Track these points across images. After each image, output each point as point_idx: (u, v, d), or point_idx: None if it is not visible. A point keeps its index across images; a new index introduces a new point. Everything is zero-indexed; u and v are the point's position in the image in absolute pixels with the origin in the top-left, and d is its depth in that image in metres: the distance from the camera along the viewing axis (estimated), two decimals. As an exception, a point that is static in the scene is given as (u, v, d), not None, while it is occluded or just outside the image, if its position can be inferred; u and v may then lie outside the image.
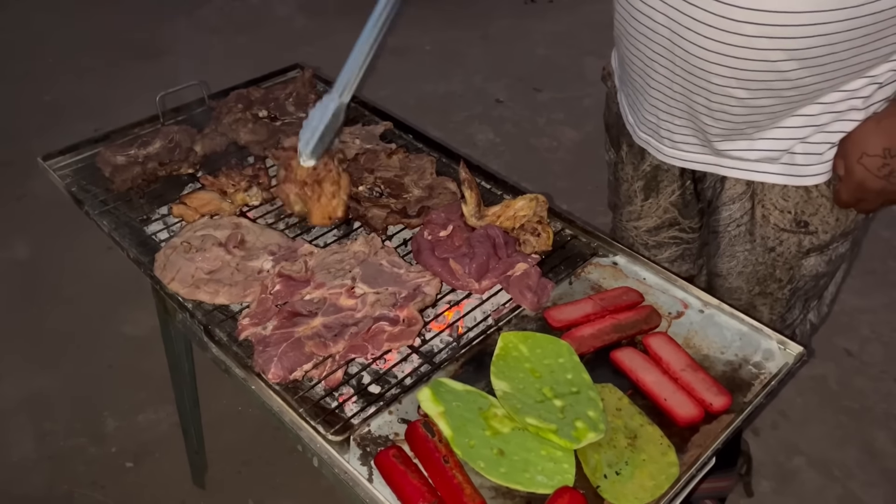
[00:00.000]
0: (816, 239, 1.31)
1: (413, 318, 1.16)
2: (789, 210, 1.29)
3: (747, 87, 1.13)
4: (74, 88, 3.85)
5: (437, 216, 1.33)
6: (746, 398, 1.07)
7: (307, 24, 4.49)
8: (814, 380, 2.34)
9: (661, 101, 1.27)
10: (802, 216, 1.29)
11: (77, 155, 1.53)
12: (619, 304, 1.20)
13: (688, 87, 1.19)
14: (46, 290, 2.70)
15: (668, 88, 1.24)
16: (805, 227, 1.30)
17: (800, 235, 1.31)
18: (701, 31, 1.09)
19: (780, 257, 1.35)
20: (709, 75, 1.14)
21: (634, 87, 1.34)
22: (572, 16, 4.45)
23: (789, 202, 1.28)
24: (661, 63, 1.21)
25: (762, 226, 1.33)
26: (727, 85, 1.14)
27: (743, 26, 1.04)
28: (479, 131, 3.57)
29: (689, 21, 1.09)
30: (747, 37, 1.05)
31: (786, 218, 1.30)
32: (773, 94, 1.14)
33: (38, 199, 3.08)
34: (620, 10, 1.24)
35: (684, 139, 1.31)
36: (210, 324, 1.18)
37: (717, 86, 1.15)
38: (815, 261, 1.34)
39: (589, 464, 0.98)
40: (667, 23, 1.13)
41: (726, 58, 1.10)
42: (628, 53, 1.29)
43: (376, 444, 1.01)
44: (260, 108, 1.63)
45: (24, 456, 2.14)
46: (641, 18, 1.18)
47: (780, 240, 1.33)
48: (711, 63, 1.12)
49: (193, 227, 1.31)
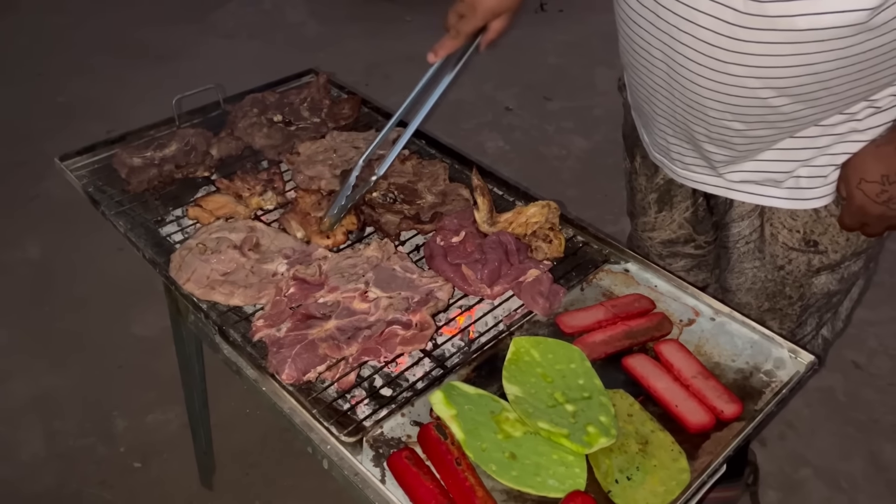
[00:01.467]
0: (826, 258, 1.30)
1: (426, 323, 1.17)
2: (798, 229, 1.28)
3: (742, 120, 1.14)
4: (87, 90, 3.88)
5: (450, 222, 1.34)
6: (757, 406, 1.07)
7: (319, 30, 4.52)
8: (821, 391, 2.34)
9: (667, 128, 1.29)
10: (811, 235, 1.28)
11: (94, 156, 1.54)
12: (631, 310, 1.20)
13: (687, 117, 1.20)
14: (57, 290, 2.72)
15: (670, 117, 1.24)
16: (814, 246, 1.29)
17: (809, 254, 1.30)
18: (693, 68, 1.09)
19: (790, 275, 1.34)
20: (705, 108, 1.14)
21: (642, 111, 1.36)
22: (583, 25, 4.47)
23: (798, 221, 1.28)
24: (662, 94, 1.22)
25: (771, 244, 1.33)
26: (723, 118, 1.14)
27: (732, 67, 1.04)
28: (488, 139, 3.58)
29: (682, 58, 1.10)
30: (736, 76, 1.05)
31: (794, 237, 1.29)
32: (769, 125, 1.14)
33: (51, 200, 3.10)
34: (623, 40, 1.25)
35: (694, 161, 1.32)
36: (224, 324, 1.19)
37: (713, 118, 1.15)
38: (827, 279, 1.33)
39: (600, 468, 0.98)
40: (663, 57, 1.14)
41: (718, 94, 1.10)
42: (633, 80, 1.31)
43: (389, 445, 1.02)
44: (275, 113, 1.65)
45: (34, 454, 2.16)
46: (640, 51, 1.19)
47: (790, 258, 1.32)
48: (706, 98, 1.12)
49: (208, 230, 1.33)
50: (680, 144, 1.30)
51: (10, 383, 2.36)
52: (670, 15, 1.06)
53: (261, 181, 1.44)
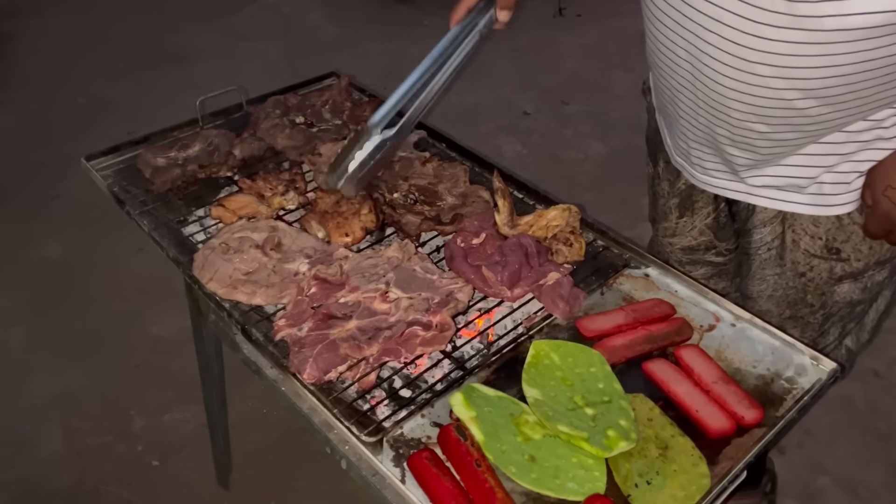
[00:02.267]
0: (849, 266, 1.28)
1: (446, 324, 1.17)
2: (820, 236, 1.27)
3: (767, 122, 1.13)
4: (108, 92, 3.92)
5: (470, 224, 1.34)
6: (779, 413, 1.06)
7: (337, 33, 4.54)
8: (841, 399, 2.32)
9: (689, 130, 1.28)
10: (834, 243, 1.27)
11: (118, 156, 1.56)
12: (651, 315, 1.20)
13: (710, 119, 1.19)
14: (77, 290, 2.74)
15: (693, 119, 1.24)
16: (837, 253, 1.27)
17: (831, 262, 1.29)
18: (718, 68, 1.08)
19: (811, 283, 1.33)
20: (729, 110, 1.14)
21: (666, 112, 1.35)
22: (600, 30, 4.46)
23: (820, 228, 1.27)
24: (686, 94, 1.21)
25: (792, 251, 1.31)
26: (747, 120, 1.14)
27: (757, 67, 1.04)
28: (506, 143, 3.58)
29: (707, 58, 1.09)
30: (761, 76, 1.05)
31: (816, 244, 1.28)
32: (793, 128, 1.13)
33: (72, 200, 3.13)
34: (649, 39, 1.25)
35: (714, 166, 1.32)
36: (247, 324, 1.20)
37: (737, 119, 1.15)
38: (849, 288, 1.32)
39: (620, 472, 0.98)
40: (688, 57, 1.14)
41: (743, 95, 1.09)
42: (658, 81, 1.30)
43: (409, 446, 1.03)
44: (297, 115, 1.66)
45: (54, 452, 2.18)
46: (665, 50, 1.19)
47: (811, 265, 1.31)
48: (730, 99, 1.12)
49: (231, 229, 1.34)
50: (700, 148, 1.30)
51: (30, 381, 2.39)
52: (696, 13, 1.06)
53: (283, 181, 1.45)
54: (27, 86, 4.02)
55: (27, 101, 3.88)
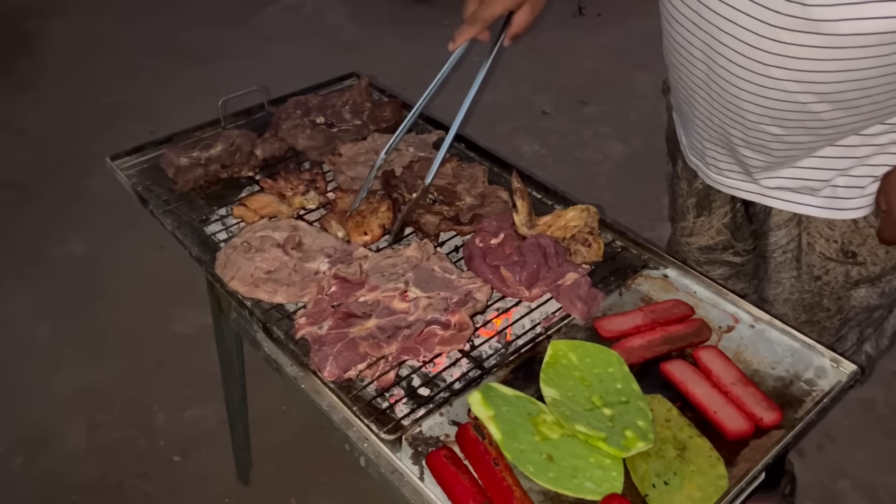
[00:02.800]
0: (865, 270, 1.27)
1: (464, 323, 1.18)
2: (835, 239, 1.26)
3: (781, 125, 1.12)
4: (131, 91, 3.97)
5: (489, 224, 1.35)
6: (798, 415, 1.06)
7: (357, 32, 4.57)
8: (862, 402, 2.30)
9: (704, 130, 1.28)
10: (849, 246, 1.26)
11: (142, 156, 1.59)
12: (670, 316, 1.20)
13: (725, 119, 1.19)
14: (101, 286, 2.79)
15: (708, 119, 1.24)
16: (853, 257, 1.26)
17: (847, 265, 1.28)
18: (733, 69, 1.08)
19: (827, 286, 1.32)
20: (743, 111, 1.14)
21: (682, 112, 1.35)
22: (621, 29, 4.45)
23: (835, 231, 1.26)
24: (701, 95, 1.21)
25: (808, 254, 1.31)
26: (761, 122, 1.13)
27: (772, 69, 1.03)
28: (524, 143, 3.59)
29: (722, 59, 1.09)
30: (776, 79, 1.04)
31: (832, 247, 1.27)
32: (808, 131, 1.12)
33: (96, 199, 3.18)
34: (666, 38, 1.25)
35: (728, 167, 1.31)
36: (268, 322, 1.22)
37: (751, 122, 1.14)
38: (866, 292, 1.31)
39: (637, 473, 0.99)
40: (703, 57, 1.14)
41: (758, 97, 1.09)
42: (674, 80, 1.30)
43: (427, 444, 1.04)
44: (317, 115, 1.68)
45: (77, 446, 2.21)
46: (682, 50, 1.19)
47: (827, 269, 1.30)
48: (744, 101, 1.11)
49: (253, 229, 1.35)
50: (715, 149, 1.30)
51: (55, 376, 2.43)
52: (712, 14, 1.06)
53: (303, 181, 1.47)
54: (52, 85, 4.08)
55: (53, 99, 3.94)
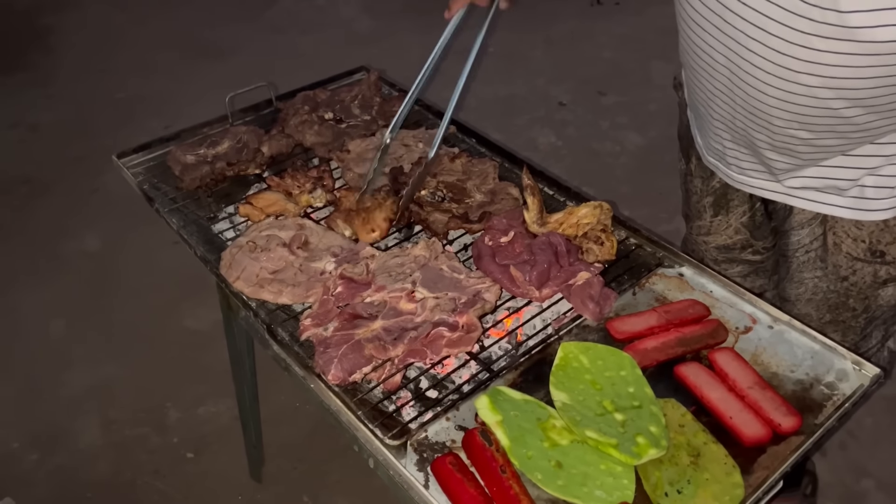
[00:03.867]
0: (894, 269, 1.24)
1: (472, 325, 1.15)
2: (863, 239, 1.23)
3: (810, 129, 1.09)
4: (145, 86, 3.97)
5: (499, 222, 1.32)
6: (818, 420, 1.03)
7: (372, 24, 4.53)
8: (885, 400, 2.24)
9: (725, 132, 1.24)
10: (878, 245, 1.22)
11: (149, 153, 1.57)
12: (685, 317, 1.17)
13: (749, 124, 1.16)
14: (115, 283, 2.79)
15: (730, 122, 1.20)
16: (881, 256, 1.23)
17: (875, 265, 1.24)
18: (760, 76, 1.05)
19: (854, 287, 1.28)
20: (770, 117, 1.10)
21: (699, 113, 1.31)
22: (639, 18, 4.37)
23: (863, 231, 1.22)
24: (723, 99, 1.17)
25: (834, 254, 1.27)
26: (789, 127, 1.10)
27: (803, 77, 1.00)
28: (540, 134, 3.54)
29: (748, 65, 1.06)
30: (807, 87, 1.01)
31: (859, 247, 1.24)
32: (837, 135, 1.09)
33: (110, 194, 3.18)
34: (683, 39, 1.21)
35: (752, 166, 1.28)
36: (273, 323, 1.20)
37: (778, 127, 1.11)
38: (894, 291, 1.28)
39: (649, 480, 0.96)
40: (726, 62, 1.10)
41: (786, 103, 1.06)
42: (692, 82, 1.26)
43: (433, 450, 1.01)
44: (326, 111, 1.65)
45: (91, 443, 2.22)
46: (702, 54, 1.15)
47: (854, 269, 1.26)
48: (771, 107, 1.08)
49: (259, 227, 1.33)
50: (737, 150, 1.26)
51: (69, 372, 2.43)
52: (738, 20, 1.02)
53: (311, 179, 1.44)
54: (67, 80, 4.09)
55: (67, 95, 3.95)
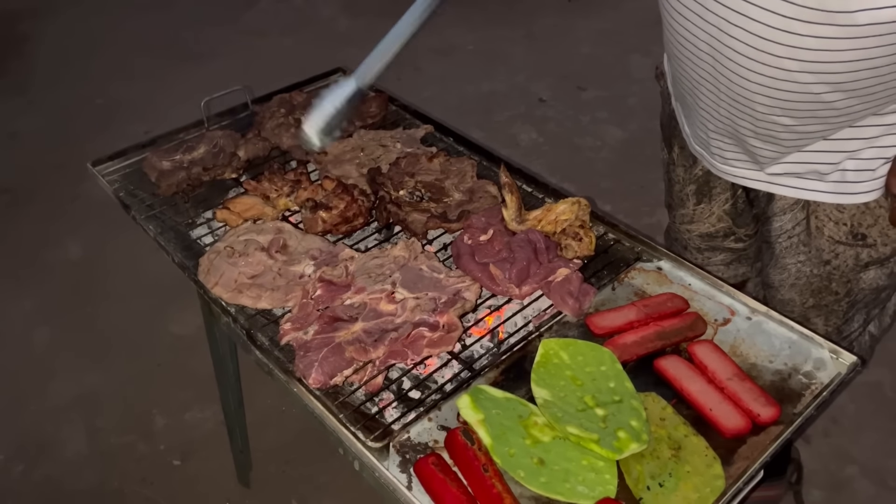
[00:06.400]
0: (875, 252, 1.25)
1: (453, 324, 1.15)
2: (845, 222, 1.24)
3: (792, 115, 1.10)
4: (124, 91, 3.94)
5: (478, 220, 1.32)
6: (796, 409, 1.03)
7: (351, 24, 4.52)
8: (868, 386, 2.26)
9: (709, 122, 1.25)
10: (859, 228, 1.23)
11: (125, 160, 1.56)
12: (664, 310, 1.17)
13: (733, 112, 1.16)
14: (98, 290, 2.77)
15: (714, 111, 1.21)
16: (863, 239, 1.24)
17: (857, 248, 1.25)
18: (742, 62, 1.06)
19: (836, 270, 1.29)
20: (752, 103, 1.11)
21: (685, 101, 1.32)
22: (617, 13, 4.39)
23: (844, 214, 1.23)
24: (706, 87, 1.18)
25: (816, 238, 1.28)
26: (771, 114, 1.11)
27: (785, 62, 1.01)
28: (522, 131, 3.54)
29: (731, 52, 1.06)
30: (789, 71, 1.02)
31: (841, 230, 1.25)
32: (820, 120, 1.10)
33: (92, 201, 3.15)
34: (667, 30, 1.22)
35: (735, 156, 1.29)
36: (252, 328, 1.19)
37: (761, 113, 1.12)
38: (875, 274, 1.29)
39: (631, 475, 0.96)
40: (709, 50, 1.11)
41: (768, 89, 1.07)
42: (677, 71, 1.27)
43: (416, 451, 1.01)
44: (302, 113, 1.64)
45: (77, 452, 2.20)
46: (685, 42, 1.16)
47: (836, 252, 1.27)
48: (754, 93, 1.09)
49: (237, 232, 1.33)
50: (721, 139, 1.26)
51: (53, 382, 2.41)
52: (719, 7, 1.03)
53: (288, 182, 1.44)
54: (46, 87, 4.05)
55: (47, 101, 3.91)
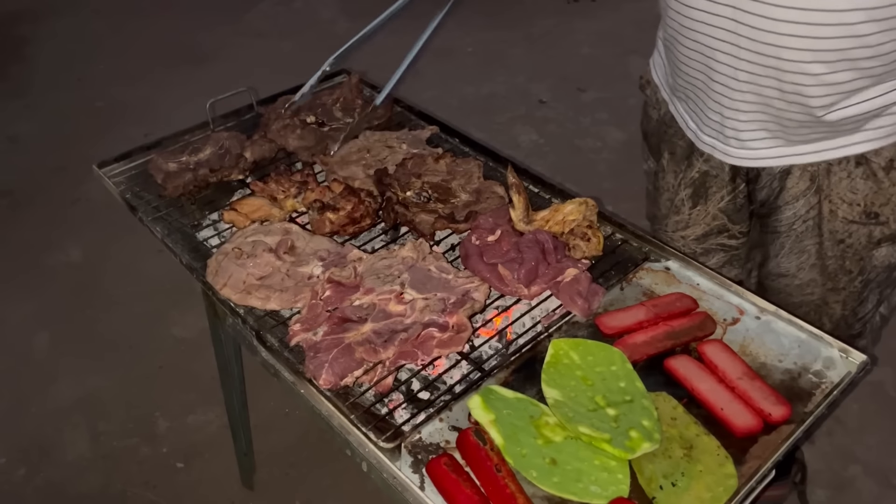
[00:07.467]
0: (888, 229, 1.28)
1: (462, 325, 1.15)
2: (858, 202, 1.27)
3: (823, 60, 1.09)
4: (125, 94, 3.93)
5: (485, 221, 1.32)
6: (807, 408, 1.03)
7: (349, 26, 4.51)
8: (871, 385, 2.27)
9: (726, 97, 1.24)
10: (872, 207, 1.26)
11: (130, 162, 1.56)
12: (673, 310, 1.17)
13: (756, 70, 1.16)
14: (100, 293, 2.76)
15: (732, 79, 1.20)
16: (875, 217, 1.27)
17: (870, 226, 1.29)
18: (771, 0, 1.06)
19: (850, 248, 1.32)
20: (780, 51, 1.10)
21: (695, 87, 1.31)
22: (616, 14, 4.40)
23: (858, 194, 1.26)
24: (724, 50, 1.17)
25: (830, 220, 1.31)
26: (801, 59, 1.10)
27: None
28: (522, 132, 3.55)
29: None
30: None
31: (855, 210, 1.28)
32: (850, 64, 1.10)
33: (92, 203, 3.15)
34: (673, 8, 1.22)
35: (752, 135, 1.28)
36: (262, 329, 1.19)
37: (789, 62, 1.11)
38: (887, 251, 1.32)
39: (644, 474, 0.96)
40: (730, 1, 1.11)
41: (799, 26, 1.06)
42: (686, 50, 1.26)
43: (427, 451, 1.01)
44: (307, 114, 1.65)
45: (80, 455, 2.19)
46: (700, 5, 1.15)
47: (850, 232, 1.30)
48: (783, 35, 1.08)
49: (244, 233, 1.33)
50: (736, 117, 1.25)
51: (56, 385, 2.41)
52: None
53: (295, 183, 1.44)
54: (46, 90, 4.05)
55: (46, 105, 3.91)
